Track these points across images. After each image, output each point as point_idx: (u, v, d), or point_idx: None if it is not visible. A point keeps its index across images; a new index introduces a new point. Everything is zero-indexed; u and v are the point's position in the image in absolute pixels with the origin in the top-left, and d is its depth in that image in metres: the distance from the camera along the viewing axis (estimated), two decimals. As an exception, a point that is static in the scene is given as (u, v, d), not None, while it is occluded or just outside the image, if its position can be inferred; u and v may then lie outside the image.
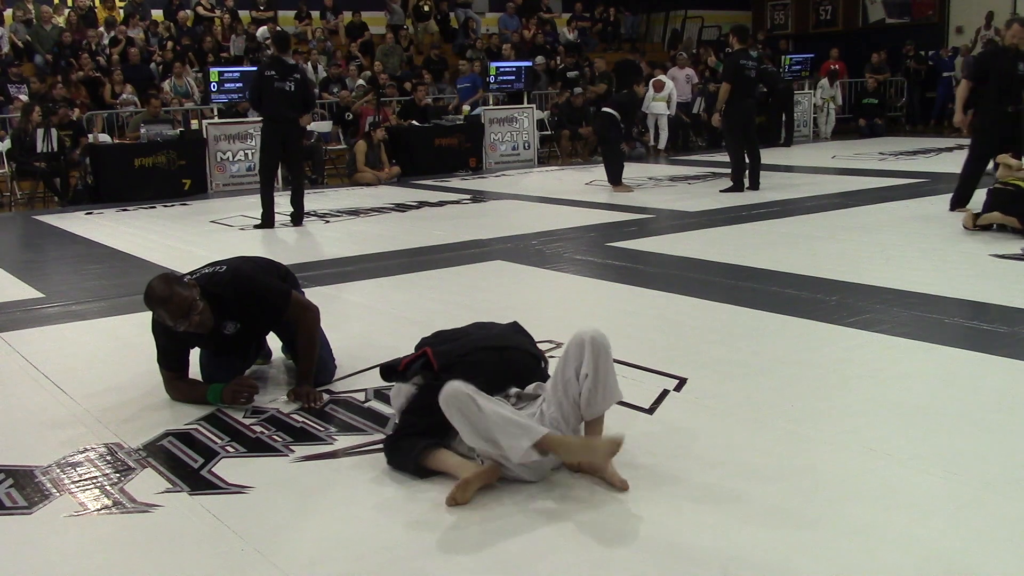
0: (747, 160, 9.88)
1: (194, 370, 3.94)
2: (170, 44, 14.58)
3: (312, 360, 3.88)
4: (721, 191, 9.86)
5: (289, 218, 8.73)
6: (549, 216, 8.80)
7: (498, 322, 3.51)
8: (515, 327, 3.40)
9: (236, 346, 3.88)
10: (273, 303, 3.81)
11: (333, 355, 4.11)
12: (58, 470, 3.18)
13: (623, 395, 3.08)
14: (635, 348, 4.31)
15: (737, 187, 9.82)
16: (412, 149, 12.93)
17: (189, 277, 3.70)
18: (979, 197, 7.42)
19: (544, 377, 3.20)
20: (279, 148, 8.52)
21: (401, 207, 9.74)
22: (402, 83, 14.98)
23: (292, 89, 8.35)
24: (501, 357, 3.14)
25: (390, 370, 3.27)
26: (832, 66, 17.50)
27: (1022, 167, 6.97)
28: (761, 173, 10.06)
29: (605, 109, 10.72)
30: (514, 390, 3.10)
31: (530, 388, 3.11)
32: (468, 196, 10.50)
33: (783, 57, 16.47)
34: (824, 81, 16.76)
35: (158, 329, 3.72)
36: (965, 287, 5.34)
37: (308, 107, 8.85)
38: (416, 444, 2.99)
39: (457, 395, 2.79)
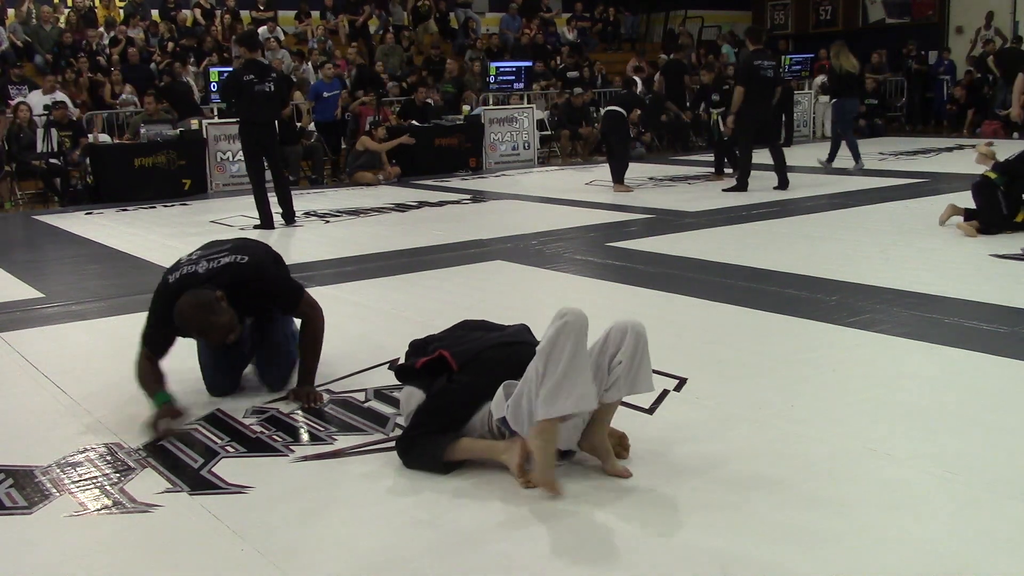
0: (772, 160, 9.91)
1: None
2: (171, 45, 14.57)
3: (316, 360, 3.86)
4: (724, 190, 9.85)
5: (282, 219, 8.72)
6: (549, 216, 8.80)
7: (488, 320, 3.52)
8: (524, 327, 3.40)
9: (241, 341, 3.82)
10: (286, 299, 3.79)
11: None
12: (58, 470, 3.18)
13: (654, 387, 3.03)
14: (635, 348, 4.30)
15: (741, 187, 9.79)
16: (412, 149, 12.92)
17: (207, 266, 3.58)
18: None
19: None
20: (259, 149, 8.51)
21: (401, 207, 9.74)
22: (402, 83, 14.97)
23: (271, 90, 8.35)
24: (513, 352, 3.14)
25: (406, 371, 3.27)
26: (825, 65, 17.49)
27: (994, 156, 7.16)
28: (763, 172, 10.07)
29: (613, 107, 10.70)
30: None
31: None
32: (468, 196, 10.50)
33: (783, 57, 16.46)
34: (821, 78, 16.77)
35: (162, 305, 3.58)
36: (965, 287, 5.34)
37: (284, 104, 9.22)
38: (438, 441, 3.00)
39: (580, 320, 2.76)
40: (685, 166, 12.84)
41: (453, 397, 3.07)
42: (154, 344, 3.65)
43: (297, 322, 3.92)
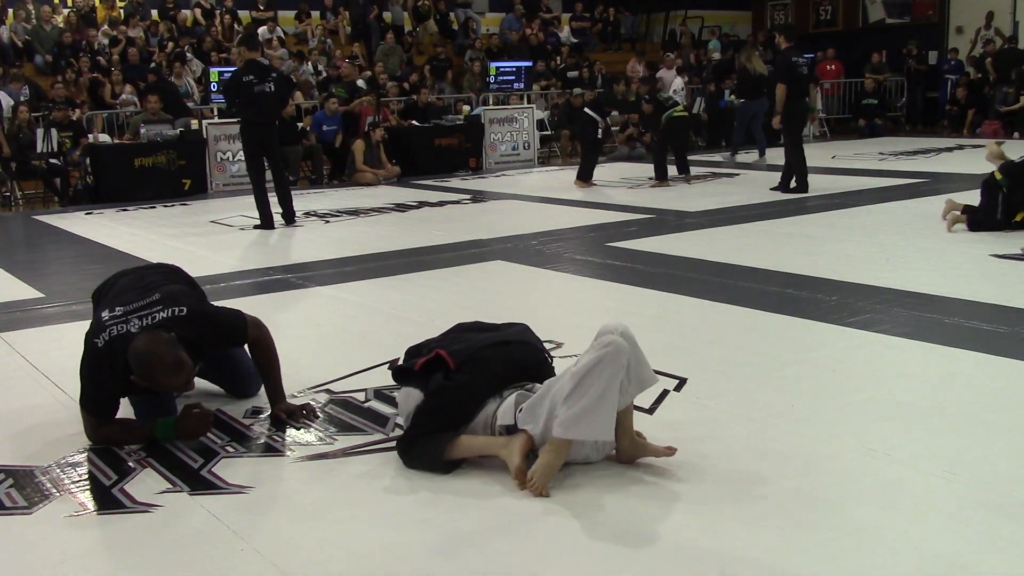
0: (784, 161, 9.85)
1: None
2: (171, 45, 14.57)
3: (279, 376, 3.64)
4: (785, 191, 9.63)
5: (282, 219, 8.71)
6: (549, 216, 8.80)
7: (482, 321, 3.52)
8: (523, 327, 3.40)
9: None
10: (233, 334, 3.55)
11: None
12: (58, 470, 3.18)
13: (657, 379, 3.07)
14: (635, 348, 4.30)
15: (801, 188, 9.59)
16: (412, 149, 12.93)
17: (140, 324, 3.29)
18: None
19: (551, 373, 3.21)
20: (260, 149, 8.50)
21: (401, 207, 9.74)
22: (402, 83, 14.98)
23: (272, 90, 8.35)
24: (510, 352, 3.14)
25: (403, 372, 3.27)
26: (828, 66, 17.52)
27: (1002, 155, 7.20)
28: (763, 172, 10.05)
29: (585, 110, 11.24)
30: (537, 387, 3.08)
31: (529, 386, 3.10)
32: (468, 196, 10.50)
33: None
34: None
35: (97, 371, 3.34)
36: (965, 287, 5.34)
37: (284, 105, 9.15)
38: (437, 440, 3.00)
39: (623, 352, 2.81)
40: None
41: (451, 395, 3.06)
42: (103, 411, 3.39)
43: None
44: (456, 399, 3.07)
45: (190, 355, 3.27)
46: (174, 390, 3.36)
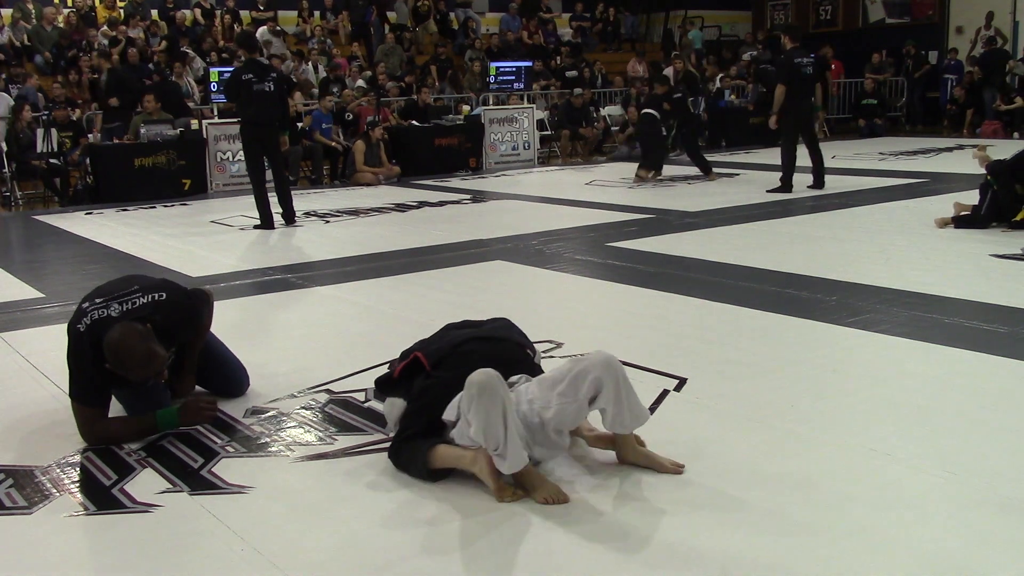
0: (810, 159, 9.81)
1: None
2: (163, 44, 14.54)
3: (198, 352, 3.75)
4: (768, 191, 9.68)
5: (282, 219, 8.71)
6: (549, 216, 8.80)
7: (470, 320, 3.52)
8: (505, 323, 3.40)
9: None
10: (200, 314, 3.67)
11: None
12: (58, 470, 3.18)
13: (649, 415, 2.97)
14: (635, 348, 4.31)
15: (785, 188, 9.66)
16: (412, 149, 12.93)
17: (121, 308, 3.35)
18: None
19: (533, 369, 3.19)
20: (260, 149, 8.50)
21: (401, 207, 9.74)
22: (400, 83, 14.97)
23: (271, 90, 8.34)
24: (491, 348, 3.14)
25: (385, 383, 3.27)
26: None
27: (988, 158, 7.38)
28: (763, 172, 10.04)
29: (646, 110, 11.36)
30: (519, 379, 3.06)
31: (513, 379, 3.05)
32: (468, 196, 10.50)
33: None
34: None
35: (83, 357, 3.34)
36: (965, 287, 5.34)
37: (285, 107, 8.99)
38: (420, 447, 2.98)
39: (490, 384, 2.73)
40: (685, 166, 12.81)
41: (435, 393, 3.04)
42: (95, 398, 3.40)
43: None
44: (439, 397, 3.04)
45: (164, 345, 3.34)
46: (146, 380, 3.39)
